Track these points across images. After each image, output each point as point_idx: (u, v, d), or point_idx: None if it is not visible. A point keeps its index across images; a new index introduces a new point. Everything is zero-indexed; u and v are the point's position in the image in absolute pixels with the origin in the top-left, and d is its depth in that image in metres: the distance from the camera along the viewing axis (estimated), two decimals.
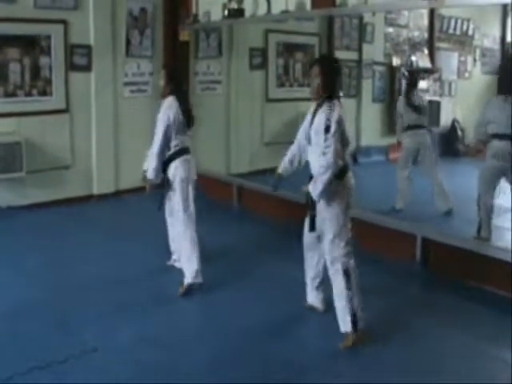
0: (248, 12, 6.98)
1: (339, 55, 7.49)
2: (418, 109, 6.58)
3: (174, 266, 5.14)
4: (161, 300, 4.56)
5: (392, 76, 8.58)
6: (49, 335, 3.93)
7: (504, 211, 5.62)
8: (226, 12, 7.09)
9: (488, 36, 8.87)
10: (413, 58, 8.60)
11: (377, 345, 3.87)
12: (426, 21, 8.77)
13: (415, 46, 8.93)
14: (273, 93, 8.27)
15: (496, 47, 8.64)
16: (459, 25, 8.76)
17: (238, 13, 7.00)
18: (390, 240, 5.29)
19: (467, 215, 5.74)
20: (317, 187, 3.76)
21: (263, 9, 6.73)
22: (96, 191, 7.41)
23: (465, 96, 8.65)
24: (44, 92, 6.89)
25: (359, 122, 8.44)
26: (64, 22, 6.92)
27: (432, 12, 8.34)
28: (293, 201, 5.68)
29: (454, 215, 6.19)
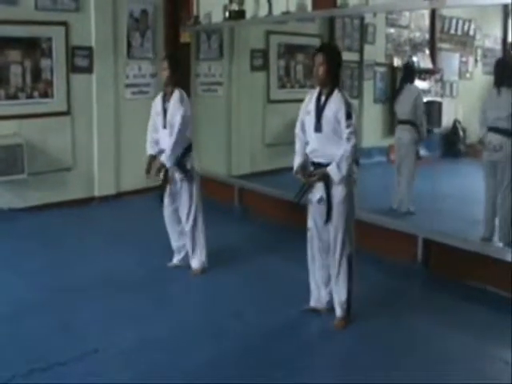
0: (249, 13, 6.99)
1: None
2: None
3: (178, 266, 5.19)
4: (162, 302, 4.57)
5: (393, 77, 8.56)
6: (50, 337, 3.94)
7: None
8: (227, 13, 7.09)
9: (489, 36, 8.83)
10: (414, 59, 8.57)
11: (378, 345, 3.88)
12: (427, 21, 8.75)
13: (416, 47, 8.91)
14: (274, 94, 8.26)
15: (497, 47, 8.60)
16: (460, 25, 8.73)
17: (239, 14, 7.00)
18: (392, 240, 5.29)
19: (468, 216, 5.73)
20: (341, 170, 3.83)
21: (264, 10, 6.72)
22: (97, 193, 7.42)
23: (466, 96, 8.62)
24: (45, 94, 6.90)
25: (361, 123, 8.41)
26: (65, 24, 6.94)
27: (433, 13, 8.31)
28: (294, 202, 5.66)
29: (456, 216, 6.17)
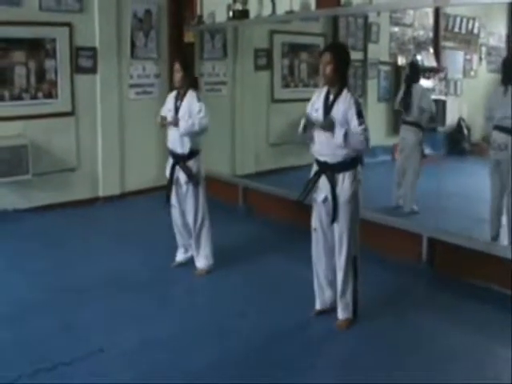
0: (253, 13, 6.98)
1: None
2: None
3: (182, 264, 5.20)
4: (166, 302, 4.57)
5: (397, 75, 8.54)
6: (54, 337, 3.95)
7: None
8: (231, 13, 7.09)
9: (494, 34, 8.80)
10: (418, 57, 8.55)
11: (383, 344, 3.87)
12: (431, 20, 8.72)
13: (420, 45, 8.89)
14: (278, 93, 8.25)
15: (502, 45, 8.57)
16: (464, 23, 8.70)
17: (243, 14, 7.00)
18: (396, 239, 5.28)
19: (473, 215, 5.72)
20: (355, 138, 3.84)
21: (268, 10, 6.71)
22: (102, 193, 7.43)
23: (471, 95, 8.60)
24: (49, 95, 6.91)
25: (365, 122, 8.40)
26: (69, 25, 6.94)
27: (437, 11, 8.26)
28: (298, 201, 5.65)
29: (461, 214, 6.15)
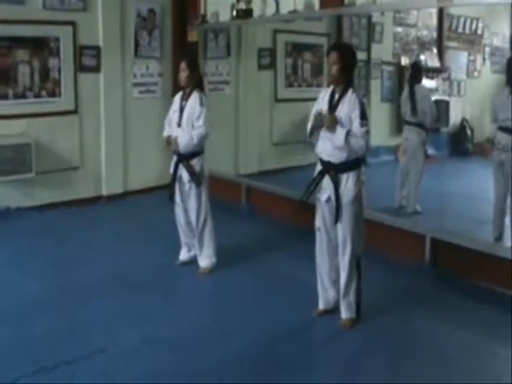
0: (256, 12, 6.98)
1: None
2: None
3: (185, 263, 5.20)
4: (169, 301, 4.57)
5: (401, 76, 8.53)
6: (57, 336, 3.95)
7: None
8: (235, 12, 7.09)
9: (497, 35, 8.79)
10: (422, 58, 8.55)
11: (385, 344, 3.87)
12: (435, 20, 8.71)
13: (424, 46, 8.88)
14: (281, 93, 8.25)
15: (506, 46, 8.56)
16: (468, 24, 8.70)
17: (247, 13, 7.00)
18: (399, 240, 5.27)
19: (476, 215, 5.71)
20: (349, 142, 3.83)
21: (271, 9, 6.71)
22: (105, 192, 7.43)
23: (474, 95, 8.59)
24: (53, 93, 6.92)
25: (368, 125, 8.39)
26: (73, 24, 6.95)
27: (441, 11, 8.27)
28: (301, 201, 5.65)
29: (464, 215, 6.14)
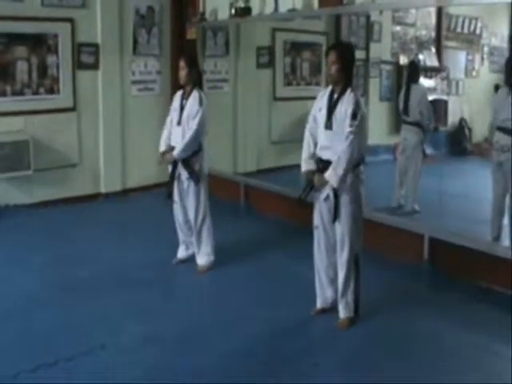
0: (255, 10, 6.97)
1: None
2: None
3: (183, 261, 5.19)
4: (168, 299, 4.57)
5: (399, 75, 8.55)
6: (56, 332, 3.94)
7: None
8: (233, 10, 7.08)
9: (496, 34, 8.82)
10: (420, 57, 8.57)
11: (383, 343, 3.88)
12: (434, 19, 8.73)
13: (423, 45, 8.90)
14: (280, 91, 8.25)
15: (504, 46, 8.59)
16: (467, 23, 8.72)
17: (245, 11, 6.98)
18: (398, 239, 5.27)
19: (474, 215, 5.72)
20: (337, 173, 3.79)
21: (270, 7, 6.71)
22: (103, 189, 7.42)
23: (472, 95, 8.62)
24: (51, 90, 6.90)
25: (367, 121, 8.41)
26: (71, 21, 6.94)
27: (440, 10, 8.29)
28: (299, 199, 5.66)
29: (462, 215, 6.15)
